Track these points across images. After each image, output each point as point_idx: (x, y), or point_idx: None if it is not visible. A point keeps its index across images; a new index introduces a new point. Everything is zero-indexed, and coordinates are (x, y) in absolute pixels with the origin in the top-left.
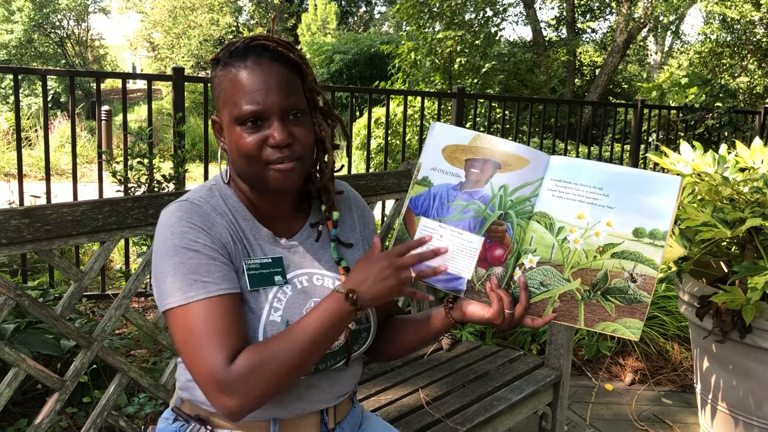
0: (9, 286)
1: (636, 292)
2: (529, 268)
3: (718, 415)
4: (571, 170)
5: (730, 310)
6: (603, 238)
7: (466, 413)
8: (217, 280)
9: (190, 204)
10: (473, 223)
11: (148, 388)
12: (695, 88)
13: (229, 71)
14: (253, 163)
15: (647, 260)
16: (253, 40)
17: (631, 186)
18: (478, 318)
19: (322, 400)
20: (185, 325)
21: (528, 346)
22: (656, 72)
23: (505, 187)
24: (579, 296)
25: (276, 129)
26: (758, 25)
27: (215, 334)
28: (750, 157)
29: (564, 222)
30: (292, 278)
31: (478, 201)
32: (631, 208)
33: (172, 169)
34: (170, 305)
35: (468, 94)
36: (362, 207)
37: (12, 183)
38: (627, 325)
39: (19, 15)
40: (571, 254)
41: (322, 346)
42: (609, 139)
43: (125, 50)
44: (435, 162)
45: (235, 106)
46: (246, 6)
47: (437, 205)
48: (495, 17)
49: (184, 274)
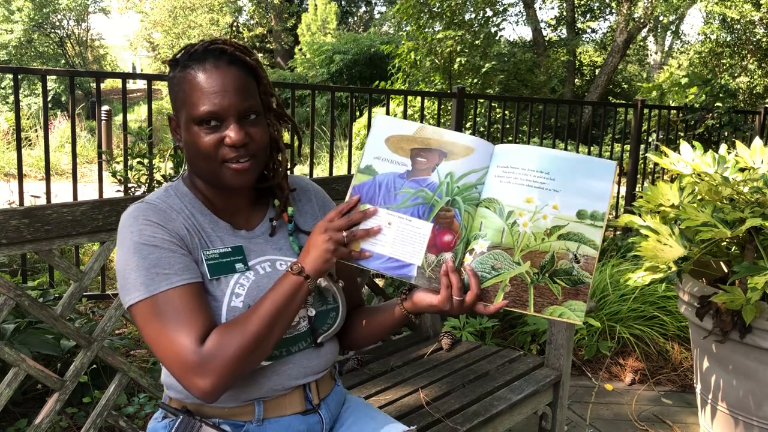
0: (9, 286)
1: (579, 273)
2: (480, 253)
3: (718, 415)
4: (518, 156)
5: (730, 310)
6: (550, 220)
7: (466, 413)
8: (178, 272)
9: (146, 204)
10: (422, 210)
11: (148, 388)
12: (695, 88)
13: (187, 73)
14: (210, 161)
15: (589, 240)
16: (211, 44)
17: (573, 170)
18: (427, 305)
19: (301, 375)
20: (151, 316)
21: (528, 346)
22: (656, 72)
23: (451, 175)
24: (528, 279)
25: (232, 130)
26: (758, 25)
27: (182, 319)
28: (750, 157)
29: (513, 206)
30: (255, 265)
31: (426, 188)
32: (574, 190)
33: (172, 169)
34: (134, 299)
35: (468, 94)
36: (322, 197)
37: (12, 183)
38: (572, 308)
39: (19, 15)
40: (521, 237)
41: (283, 319)
42: (609, 139)
43: (125, 50)
44: (378, 151)
45: (193, 106)
46: (246, 6)
47: (384, 192)
48: (495, 17)
49: (146, 268)
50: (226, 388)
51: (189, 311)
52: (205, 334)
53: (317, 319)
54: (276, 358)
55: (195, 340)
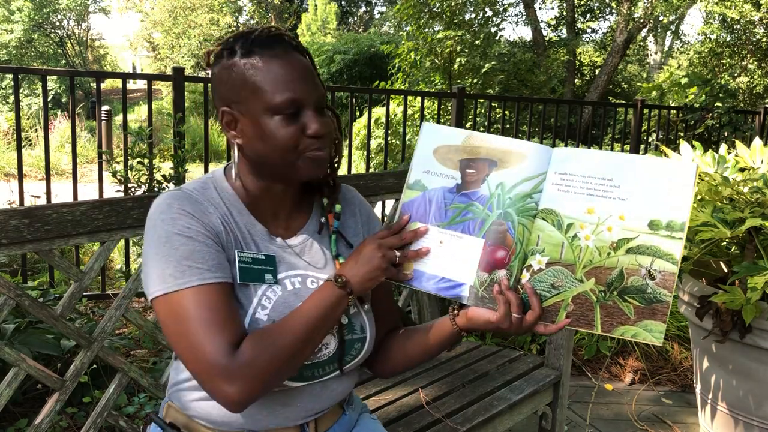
0: (9, 286)
1: (655, 290)
2: (537, 270)
3: (718, 415)
4: (576, 161)
5: (730, 310)
6: (616, 232)
7: (466, 413)
8: (211, 268)
9: (182, 192)
10: (472, 226)
11: (148, 388)
12: (695, 88)
13: (255, 59)
14: (288, 153)
15: (665, 254)
16: (271, 29)
17: (642, 175)
18: (483, 323)
19: (300, 416)
20: (179, 312)
21: (528, 346)
22: (656, 72)
23: (502, 185)
24: (594, 298)
25: (313, 119)
26: (758, 25)
27: (214, 319)
28: (750, 157)
29: (573, 218)
30: (284, 279)
31: (476, 202)
32: (644, 198)
33: (172, 169)
34: (160, 291)
35: (468, 94)
36: (367, 213)
37: (12, 183)
38: (648, 328)
39: (19, 15)
40: (582, 252)
41: (319, 332)
42: (609, 139)
43: (125, 50)
44: (427, 164)
45: (271, 94)
46: (246, 6)
47: (434, 209)
48: (495, 17)
49: (177, 260)
50: (254, 399)
51: (221, 311)
52: (238, 340)
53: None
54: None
55: (228, 345)
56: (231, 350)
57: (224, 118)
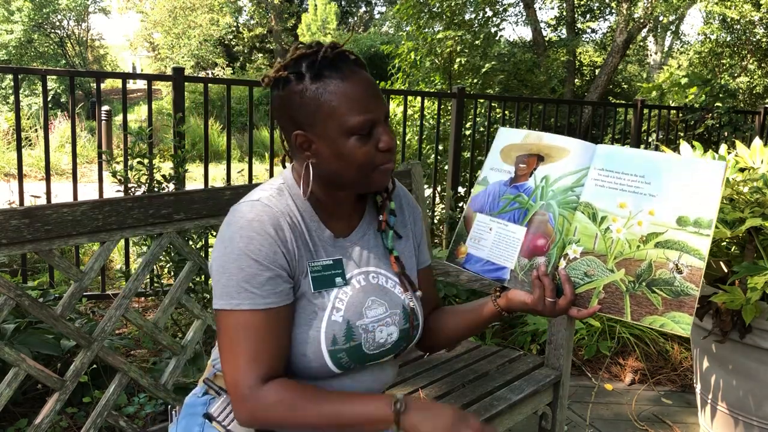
0: (9, 286)
1: (682, 283)
2: (573, 259)
3: (718, 415)
4: (614, 159)
5: (730, 310)
6: (646, 227)
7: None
8: (264, 294)
9: (262, 205)
10: (518, 215)
11: (148, 388)
12: (695, 88)
13: (328, 83)
14: (366, 170)
15: (693, 250)
16: (334, 48)
17: (672, 173)
18: (520, 303)
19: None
20: (227, 331)
21: (528, 346)
22: (656, 72)
23: (546, 178)
24: (624, 287)
25: (385, 133)
26: (758, 25)
27: (253, 350)
28: (750, 157)
29: (606, 211)
30: (350, 278)
31: (523, 193)
32: (673, 195)
33: (172, 169)
34: (218, 306)
35: (468, 94)
36: (412, 205)
37: (12, 183)
38: (675, 320)
39: (19, 15)
40: (614, 244)
41: (341, 430)
42: (609, 139)
43: (125, 50)
44: (494, 162)
45: (347, 116)
46: (246, 6)
47: (490, 201)
48: (495, 17)
49: (238, 281)
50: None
51: (262, 343)
52: (271, 372)
53: (399, 337)
54: (357, 370)
55: (258, 378)
56: (258, 384)
57: (298, 140)
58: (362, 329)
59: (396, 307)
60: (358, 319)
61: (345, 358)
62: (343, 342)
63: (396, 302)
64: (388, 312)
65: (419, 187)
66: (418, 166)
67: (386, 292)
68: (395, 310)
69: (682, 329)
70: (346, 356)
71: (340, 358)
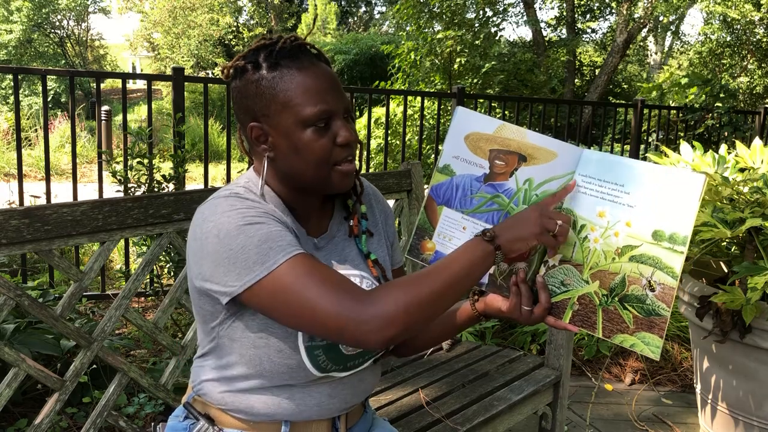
0: (9, 286)
1: (654, 302)
2: (551, 266)
3: (718, 415)
4: (599, 165)
5: (730, 310)
6: (622, 238)
7: (466, 413)
8: (291, 242)
9: (241, 189)
10: (496, 217)
11: (148, 388)
12: (695, 88)
13: (284, 72)
14: (323, 165)
15: (666, 267)
16: (294, 40)
17: (651, 183)
18: (496, 310)
19: (339, 408)
20: (284, 291)
21: (528, 346)
22: (656, 72)
23: (530, 181)
24: (597, 300)
25: (344, 128)
26: (758, 26)
27: (325, 281)
28: (750, 157)
29: (586, 219)
30: None
31: (502, 194)
32: (650, 207)
33: (172, 169)
34: (250, 282)
35: (468, 94)
36: (382, 202)
37: (12, 183)
38: (645, 341)
39: (18, 15)
40: (590, 254)
41: (462, 285)
42: (609, 139)
43: (125, 50)
44: (457, 150)
45: (303, 107)
46: (246, 6)
47: (460, 195)
48: (495, 17)
49: (256, 246)
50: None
51: (325, 273)
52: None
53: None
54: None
55: (354, 295)
56: (361, 298)
57: (253, 132)
58: None
59: None
60: None
61: (322, 356)
62: (320, 339)
63: None
64: None
65: (419, 187)
66: (418, 166)
67: None
68: None
69: (651, 351)
70: (323, 354)
71: (317, 355)
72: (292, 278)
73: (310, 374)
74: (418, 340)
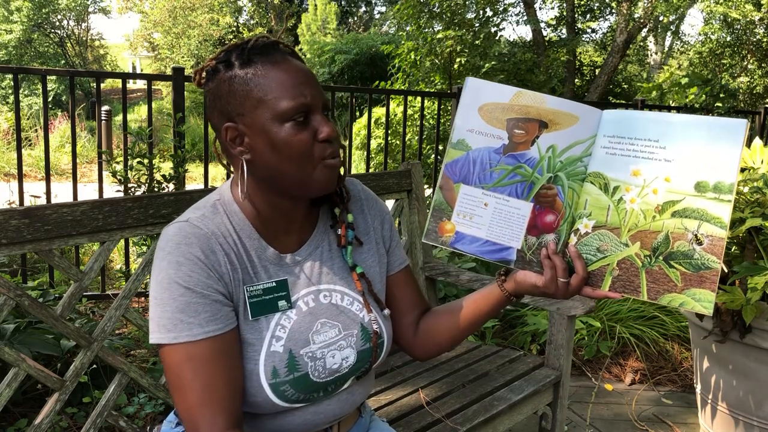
0: (9, 286)
1: (703, 256)
2: (584, 234)
3: (718, 415)
4: (625, 124)
5: (730, 310)
6: (662, 195)
7: (466, 413)
8: (202, 322)
9: (190, 227)
10: (520, 189)
11: (148, 388)
12: (695, 88)
13: (257, 68)
14: (306, 161)
15: (713, 218)
16: (264, 38)
17: (689, 135)
18: (530, 286)
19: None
20: (173, 369)
21: (528, 346)
22: (656, 72)
23: (553, 148)
24: (639, 262)
25: (323, 123)
26: (758, 26)
27: (208, 391)
28: (750, 157)
29: (619, 181)
30: (297, 300)
31: (525, 164)
32: (690, 159)
33: (172, 169)
34: (155, 340)
35: None
36: (376, 206)
37: (12, 183)
38: (696, 297)
39: (18, 15)
40: (628, 215)
41: None
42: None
43: (125, 50)
44: (471, 123)
45: (279, 101)
46: (246, 6)
47: (479, 170)
48: (495, 17)
49: (172, 311)
50: None
51: (213, 379)
52: (236, 416)
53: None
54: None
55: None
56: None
57: (228, 134)
58: (308, 357)
59: (352, 328)
60: (303, 346)
61: (290, 390)
62: (285, 374)
63: (352, 322)
64: (342, 334)
65: (419, 187)
66: (418, 166)
67: (341, 312)
68: (351, 330)
69: (703, 307)
70: (291, 388)
71: (283, 391)
72: (187, 366)
73: (278, 406)
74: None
